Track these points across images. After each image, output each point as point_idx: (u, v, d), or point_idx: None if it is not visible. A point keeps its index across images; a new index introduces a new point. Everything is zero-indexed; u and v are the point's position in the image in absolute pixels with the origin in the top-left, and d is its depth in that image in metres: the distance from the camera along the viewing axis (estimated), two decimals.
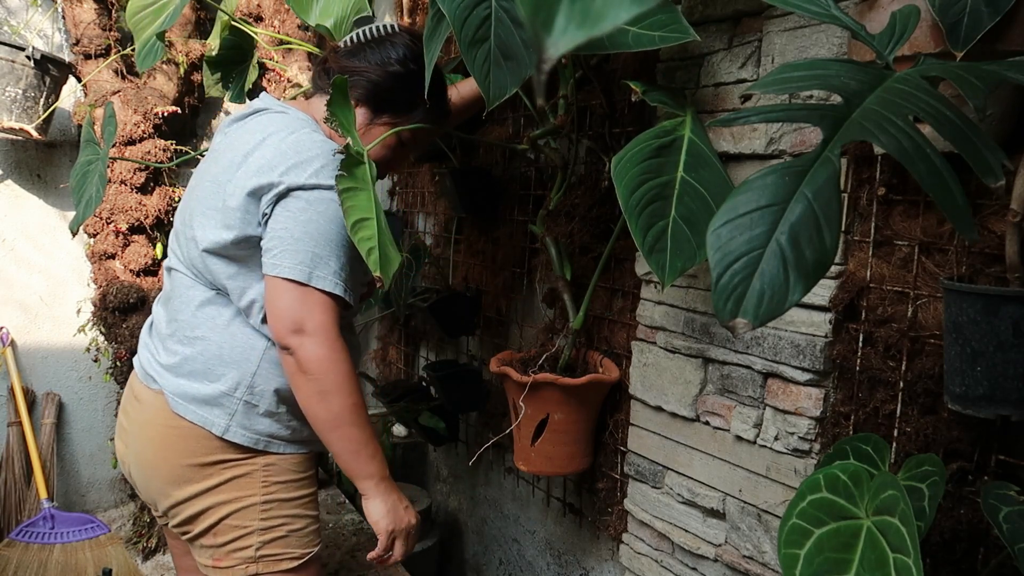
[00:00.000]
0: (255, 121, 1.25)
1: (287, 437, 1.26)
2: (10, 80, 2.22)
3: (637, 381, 1.47)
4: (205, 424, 1.20)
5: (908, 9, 0.88)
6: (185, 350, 1.23)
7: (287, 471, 1.26)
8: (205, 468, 1.21)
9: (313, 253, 1.12)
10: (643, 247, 1.06)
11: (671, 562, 1.42)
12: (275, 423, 1.24)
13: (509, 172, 1.95)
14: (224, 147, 1.25)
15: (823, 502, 0.81)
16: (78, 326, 2.65)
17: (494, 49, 1.09)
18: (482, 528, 2.31)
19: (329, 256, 1.14)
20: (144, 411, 1.26)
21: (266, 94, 1.32)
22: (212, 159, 1.26)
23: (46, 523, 2.44)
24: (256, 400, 1.22)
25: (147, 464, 1.25)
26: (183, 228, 1.26)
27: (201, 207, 1.21)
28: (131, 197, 2.53)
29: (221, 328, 1.22)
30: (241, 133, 1.24)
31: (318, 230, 1.13)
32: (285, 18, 2.69)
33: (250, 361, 1.21)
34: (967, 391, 0.85)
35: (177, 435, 1.21)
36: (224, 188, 1.18)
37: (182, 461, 1.21)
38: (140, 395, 1.29)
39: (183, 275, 1.26)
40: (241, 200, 1.15)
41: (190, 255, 1.24)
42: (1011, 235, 0.84)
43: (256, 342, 1.22)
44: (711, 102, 1.28)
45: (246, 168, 1.17)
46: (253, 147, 1.18)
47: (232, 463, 1.22)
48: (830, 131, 0.69)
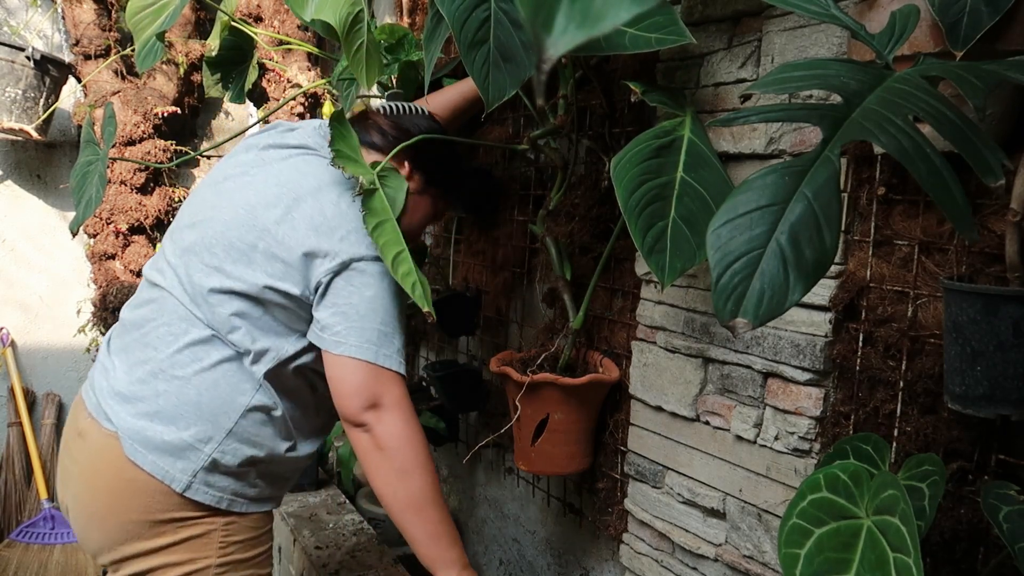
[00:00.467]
0: (303, 161, 1.17)
1: (252, 496, 1.16)
2: (10, 80, 2.22)
3: (637, 381, 1.47)
4: (164, 478, 1.07)
5: (908, 9, 0.88)
6: (158, 386, 1.09)
7: (247, 529, 1.17)
8: (159, 526, 1.09)
9: (379, 331, 1.08)
10: (643, 248, 1.06)
11: (671, 562, 1.42)
12: (241, 482, 1.14)
13: (509, 172, 1.95)
14: (264, 178, 1.15)
15: (823, 502, 0.81)
16: (78, 326, 2.65)
17: (493, 51, 1.09)
18: (482, 528, 2.31)
19: (393, 333, 1.09)
20: (90, 453, 1.12)
21: (312, 130, 1.25)
22: (246, 184, 1.16)
23: (46, 523, 2.45)
24: (226, 458, 1.10)
25: (92, 515, 1.12)
26: (200, 251, 1.13)
27: (233, 240, 1.11)
28: (131, 197, 2.53)
29: (205, 371, 1.10)
30: (287, 170, 1.15)
31: (384, 306, 1.08)
32: (285, 18, 2.70)
33: (228, 416, 1.10)
34: (967, 391, 0.85)
35: (131, 488, 1.08)
36: (269, 232, 1.09)
37: (133, 517, 1.08)
38: (87, 432, 1.13)
39: (176, 300, 1.13)
40: (297, 258, 1.08)
41: (196, 283, 1.11)
42: (1011, 235, 0.84)
43: (240, 397, 1.11)
44: (711, 102, 1.28)
45: (299, 220, 1.09)
46: (304, 195, 1.11)
47: (190, 522, 1.10)
48: (830, 131, 0.69)
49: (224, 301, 1.10)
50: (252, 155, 1.21)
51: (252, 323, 1.11)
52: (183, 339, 1.11)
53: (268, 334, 1.11)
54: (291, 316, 1.13)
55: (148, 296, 1.18)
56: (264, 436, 1.14)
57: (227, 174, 1.21)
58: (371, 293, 1.08)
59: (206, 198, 1.20)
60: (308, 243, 1.08)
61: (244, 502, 1.15)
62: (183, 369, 1.10)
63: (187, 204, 1.25)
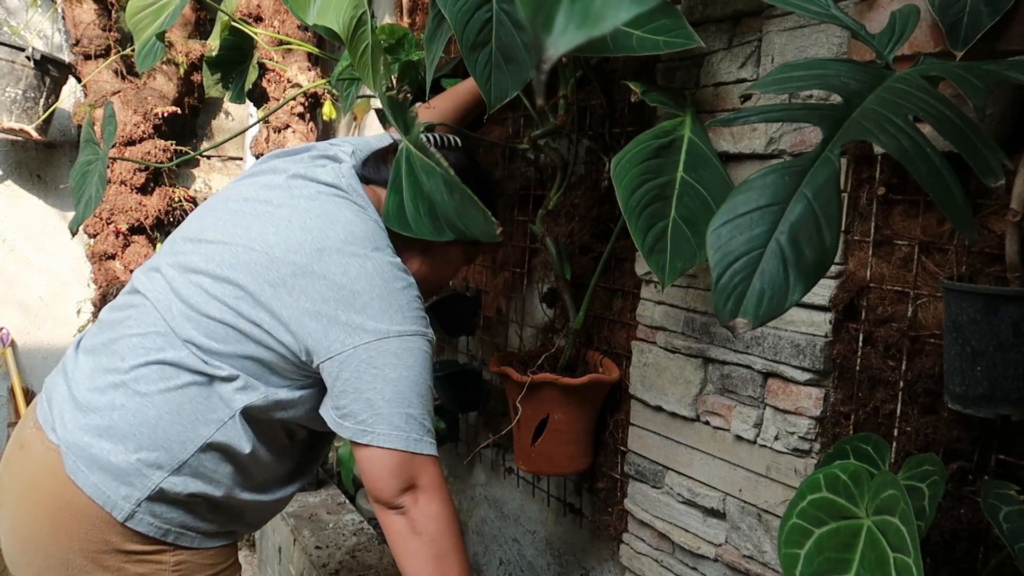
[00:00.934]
0: (335, 205, 1.06)
1: (205, 531, 1.04)
2: (10, 80, 2.22)
3: (637, 381, 1.47)
4: (105, 504, 0.96)
5: (908, 9, 0.88)
6: (116, 399, 0.98)
7: (203, 567, 1.05)
8: (101, 559, 0.97)
9: (408, 415, 0.99)
10: (643, 247, 1.06)
11: (671, 562, 1.42)
12: (191, 515, 1.02)
13: (509, 172, 1.95)
14: (288, 217, 1.04)
15: (823, 502, 0.81)
16: (78, 326, 2.65)
17: (495, 52, 1.09)
18: (482, 528, 2.31)
19: (423, 415, 1.01)
20: (27, 466, 1.01)
21: (348, 168, 1.12)
22: (267, 217, 1.05)
23: None
24: (175, 489, 0.99)
25: (29, 541, 0.99)
26: (202, 274, 1.03)
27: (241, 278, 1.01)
28: (131, 197, 2.53)
29: (170, 392, 0.99)
30: (314, 213, 1.04)
31: (410, 387, 0.99)
32: (285, 18, 2.70)
33: (185, 446, 0.99)
34: (967, 391, 0.85)
35: (70, 513, 0.96)
36: (285, 283, 0.99)
37: (73, 546, 0.97)
38: (29, 443, 1.02)
39: (157, 314, 1.02)
40: (309, 319, 0.98)
41: (192, 304, 1.01)
42: (1011, 235, 0.84)
43: (202, 427, 0.99)
44: (711, 102, 1.28)
45: (319, 276, 0.99)
46: (329, 248, 1.00)
47: (135, 557, 0.99)
48: (830, 131, 0.69)
49: (222, 333, 1.00)
50: (279, 180, 1.11)
51: (243, 362, 1.01)
52: (155, 354, 1.00)
53: (264, 373, 1.02)
54: (291, 368, 1.03)
55: (129, 301, 1.08)
56: (222, 475, 1.02)
57: (247, 196, 1.10)
58: (395, 375, 0.98)
59: (221, 217, 1.09)
60: (325, 308, 0.98)
61: (195, 536, 1.03)
62: (147, 385, 0.99)
63: (198, 215, 1.15)
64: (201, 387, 0.99)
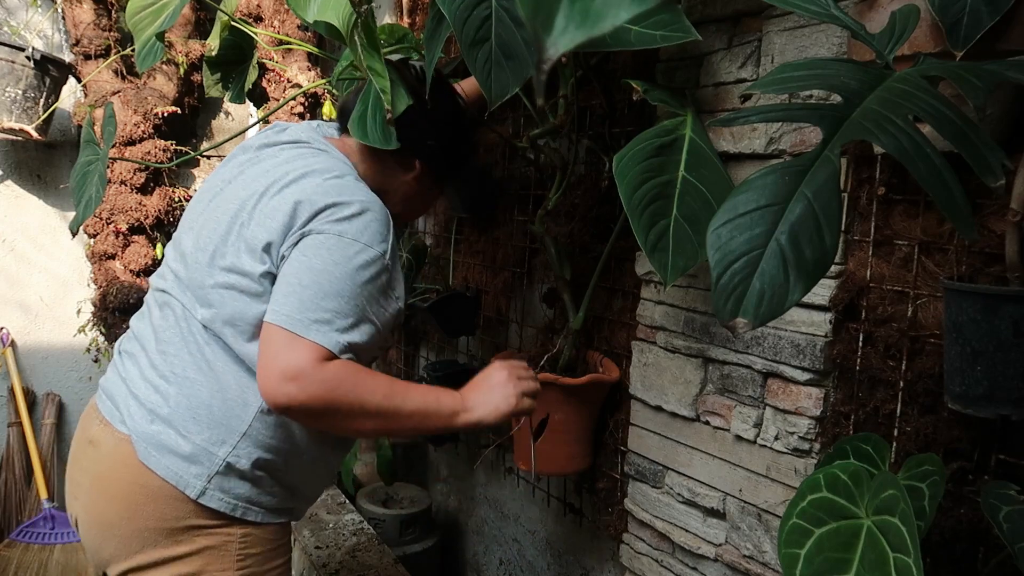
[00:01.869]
0: (296, 153, 1.15)
1: (268, 505, 1.12)
2: (10, 80, 2.22)
3: (637, 381, 1.47)
4: (178, 483, 1.05)
5: (908, 9, 0.88)
6: (170, 390, 1.07)
7: (265, 541, 1.13)
8: (175, 534, 1.06)
9: (318, 306, 0.99)
10: (645, 246, 1.06)
11: (671, 562, 1.42)
12: (256, 489, 1.10)
13: (509, 172, 1.95)
14: (256, 174, 1.13)
15: (823, 502, 0.81)
16: (78, 326, 2.65)
17: (495, 49, 1.09)
18: (482, 528, 2.31)
19: (336, 313, 1.00)
20: (102, 460, 1.10)
21: (307, 125, 1.24)
22: (240, 183, 1.14)
23: (46, 523, 2.45)
24: (240, 462, 1.07)
25: (106, 524, 1.08)
26: (196, 252, 1.12)
27: (227, 233, 1.09)
28: (131, 197, 2.53)
29: (217, 374, 1.07)
30: (277, 162, 1.14)
31: (330, 282, 1.00)
32: (285, 18, 2.70)
33: (241, 418, 1.07)
34: (967, 390, 0.85)
35: (145, 495, 1.05)
36: (253, 217, 1.07)
37: (149, 524, 1.06)
38: (98, 439, 1.11)
39: (181, 305, 1.11)
40: (274, 234, 1.04)
41: (197, 283, 1.09)
42: (1011, 235, 0.84)
43: (251, 396, 1.07)
44: (711, 102, 1.28)
45: (281, 200, 1.06)
46: (291, 180, 1.08)
47: (206, 531, 1.07)
48: (830, 131, 0.69)
49: (225, 298, 1.06)
50: (248, 155, 1.20)
51: (252, 322, 1.06)
52: (191, 343, 1.08)
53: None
54: None
55: (155, 301, 1.17)
56: (279, 440, 1.09)
57: (225, 178, 1.19)
58: (320, 266, 1.00)
59: (205, 202, 1.18)
60: (287, 220, 1.04)
61: (260, 511, 1.11)
62: (193, 372, 1.07)
63: (187, 210, 1.23)
64: (236, 361, 1.07)
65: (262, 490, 1.10)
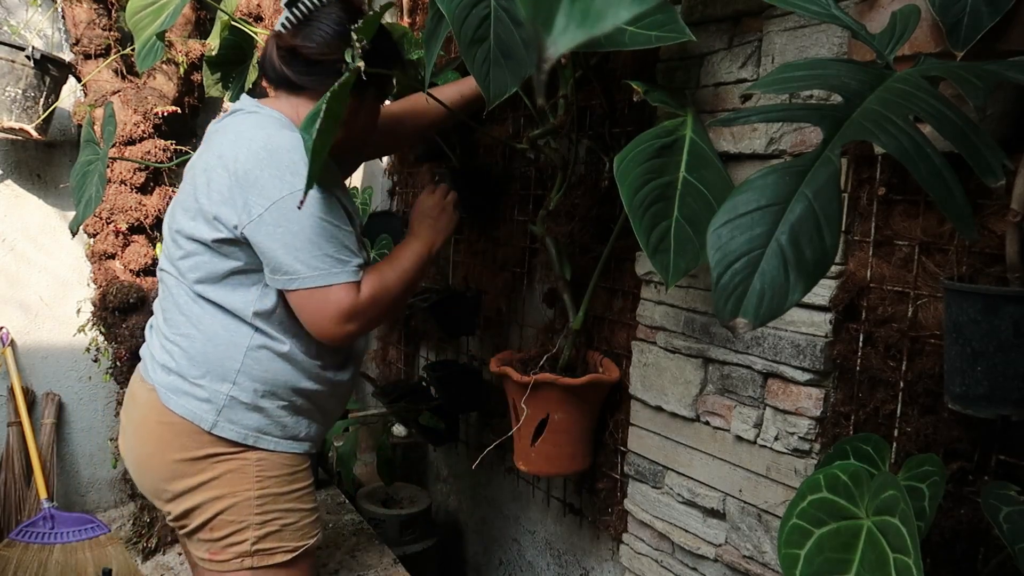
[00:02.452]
0: (231, 121, 1.26)
1: (277, 433, 1.27)
2: (10, 80, 2.22)
3: (637, 381, 1.47)
4: (194, 419, 1.22)
5: (908, 9, 0.88)
6: (173, 348, 1.25)
7: (280, 465, 1.27)
8: (198, 463, 1.23)
9: (322, 255, 1.15)
10: (647, 247, 1.06)
11: (671, 562, 1.42)
12: (263, 418, 1.25)
13: (509, 172, 1.95)
14: (203, 149, 1.27)
15: (823, 502, 0.81)
16: (78, 326, 2.65)
17: (494, 48, 1.09)
18: (482, 528, 2.31)
19: (335, 248, 1.17)
20: (139, 408, 1.29)
21: (245, 95, 1.32)
22: (195, 159, 1.28)
23: (46, 523, 2.44)
24: (242, 396, 1.23)
25: (143, 461, 1.28)
26: (169, 230, 1.28)
27: (182, 205, 1.24)
28: (131, 197, 2.53)
29: (205, 326, 1.23)
30: (219, 137, 1.25)
31: (315, 232, 1.15)
32: None
33: (234, 358, 1.22)
34: (967, 391, 0.85)
35: (169, 431, 1.23)
36: (198, 188, 1.20)
37: (174, 456, 1.23)
38: (136, 393, 1.32)
39: (168, 274, 1.28)
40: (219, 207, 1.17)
41: (172, 253, 1.26)
42: (1011, 235, 0.84)
43: (239, 339, 1.23)
44: (711, 102, 1.28)
45: (223, 170, 1.17)
46: (225, 148, 1.19)
47: (224, 457, 1.23)
48: (830, 131, 0.69)
49: (196, 263, 1.22)
50: (204, 139, 1.32)
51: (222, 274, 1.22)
52: (183, 307, 1.25)
53: (243, 277, 1.22)
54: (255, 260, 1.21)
55: (160, 279, 1.34)
56: (277, 371, 1.24)
57: (194, 164, 1.29)
58: (298, 227, 1.14)
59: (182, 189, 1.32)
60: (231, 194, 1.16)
61: (270, 439, 1.26)
62: (187, 329, 1.24)
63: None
64: (221, 311, 1.23)
65: (268, 419, 1.25)
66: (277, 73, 1.27)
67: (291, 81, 1.26)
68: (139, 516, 2.57)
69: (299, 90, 1.27)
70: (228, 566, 1.24)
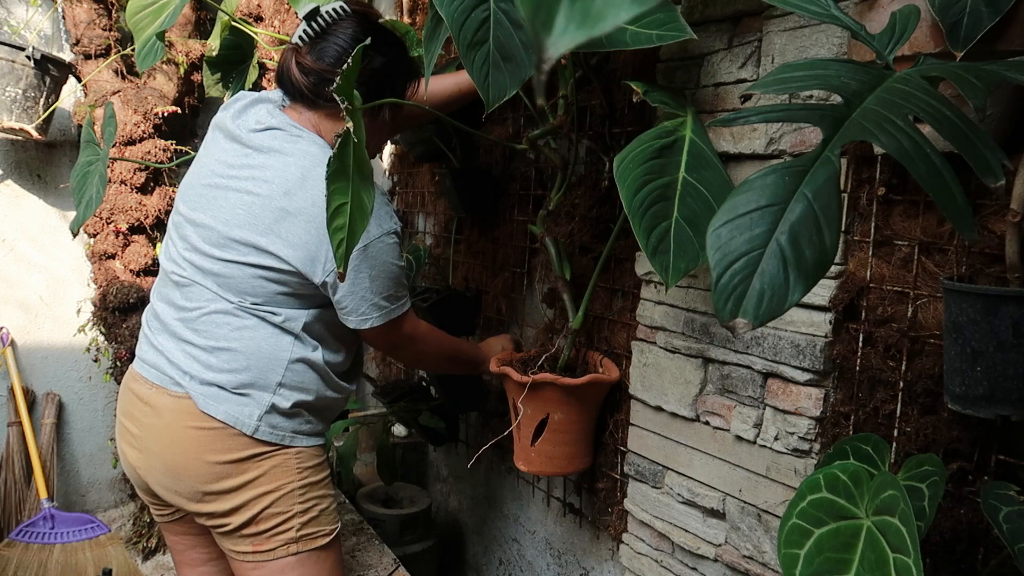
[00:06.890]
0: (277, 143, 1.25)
1: (307, 431, 1.35)
2: (10, 80, 2.22)
3: (637, 381, 1.47)
4: (235, 424, 1.25)
5: (908, 9, 0.88)
6: (209, 358, 1.26)
7: (313, 456, 1.36)
8: (242, 463, 1.27)
9: (389, 296, 1.29)
10: (647, 248, 1.06)
11: (671, 562, 1.42)
12: (299, 421, 1.33)
13: (509, 172, 1.95)
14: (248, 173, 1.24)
15: (823, 502, 0.81)
16: (78, 326, 2.65)
17: (493, 51, 1.09)
18: (482, 528, 2.31)
19: (397, 289, 1.30)
20: (161, 416, 1.28)
21: (271, 106, 1.30)
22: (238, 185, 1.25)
23: (46, 523, 2.44)
24: (282, 404, 1.29)
25: (177, 466, 1.27)
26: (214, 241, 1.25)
27: (249, 229, 1.22)
28: (131, 197, 2.53)
29: (247, 340, 1.26)
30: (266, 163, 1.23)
31: (386, 277, 1.27)
32: (285, 18, 2.70)
33: (276, 371, 1.28)
34: (967, 391, 0.85)
35: (208, 435, 1.25)
36: (273, 230, 1.21)
37: (215, 458, 1.25)
38: (152, 400, 1.29)
39: (200, 287, 1.28)
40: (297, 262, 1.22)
41: (228, 272, 1.25)
42: (1011, 235, 0.84)
43: (281, 352, 1.28)
44: (711, 102, 1.28)
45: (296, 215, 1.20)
46: (292, 188, 1.20)
47: (267, 455, 1.29)
48: (830, 131, 0.69)
49: (255, 286, 1.25)
50: (229, 148, 1.30)
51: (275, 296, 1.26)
52: (219, 314, 1.27)
53: (296, 308, 1.29)
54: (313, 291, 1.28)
55: (172, 287, 1.32)
56: (309, 381, 1.32)
57: (215, 171, 1.29)
58: (374, 273, 1.25)
59: (203, 195, 1.29)
60: (307, 239, 1.21)
61: (302, 436, 1.34)
62: (229, 341, 1.27)
63: (181, 197, 1.34)
64: (267, 326, 1.27)
65: (301, 420, 1.33)
66: (295, 87, 1.27)
67: (308, 96, 1.27)
68: (139, 516, 2.57)
69: (317, 105, 1.28)
70: (275, 554, 1.29)
